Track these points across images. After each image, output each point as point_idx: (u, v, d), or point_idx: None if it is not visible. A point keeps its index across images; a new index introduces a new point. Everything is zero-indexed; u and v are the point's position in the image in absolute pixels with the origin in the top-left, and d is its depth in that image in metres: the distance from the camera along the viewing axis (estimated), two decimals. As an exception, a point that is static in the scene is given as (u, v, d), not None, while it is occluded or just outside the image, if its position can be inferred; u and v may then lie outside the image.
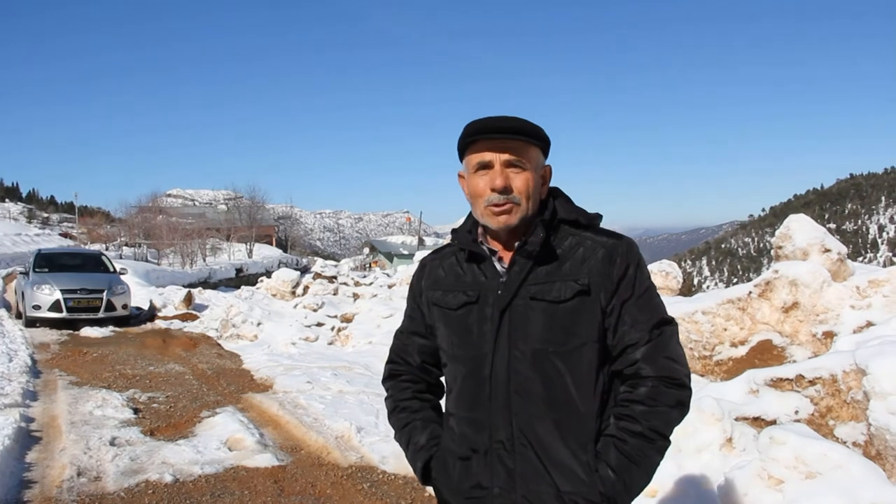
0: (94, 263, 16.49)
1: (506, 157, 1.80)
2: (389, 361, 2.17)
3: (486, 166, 1.82)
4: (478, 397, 1.83)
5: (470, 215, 1.99)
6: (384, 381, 2.17)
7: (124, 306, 14.76)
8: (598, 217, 1.92)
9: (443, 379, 2.08)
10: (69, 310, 13.83)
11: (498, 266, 1.87)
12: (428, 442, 1.98)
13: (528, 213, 1.84)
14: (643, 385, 1.78)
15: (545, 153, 1.90)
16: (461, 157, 1.92)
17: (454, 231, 2.01)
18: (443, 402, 2.08)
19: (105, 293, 14.33)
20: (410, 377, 2.10)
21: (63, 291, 13.87)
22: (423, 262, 2.08)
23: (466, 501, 1.86)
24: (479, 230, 1.94)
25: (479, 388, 1.83)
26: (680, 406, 1.79)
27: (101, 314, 14.17)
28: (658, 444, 1.77)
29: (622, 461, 1.74)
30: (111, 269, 16.29)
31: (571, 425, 1.78)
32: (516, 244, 1.85)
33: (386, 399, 2.15)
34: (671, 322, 1.85)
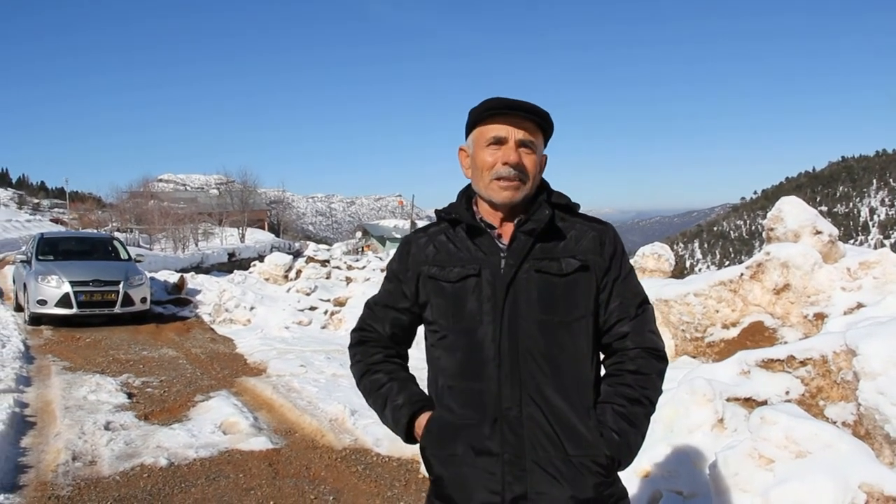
0: (105, 249, 14.48)
1: (521, 135, 1.88)
2: (358, 329, 2.17)
3: (499, 142, 1.88)
4: (482, 367, 1.86)
5: (462, 194, 2.04)
6: (351, 348, 2.17)
7: (143, 300, 12.80)
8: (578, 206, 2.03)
9: (410, 352, 2.15)
10: (80, 305, 11.95)
11: (497, 241, 1.92)
12: (410, 398, 1.99)
13: (530, 194, 1.92)
14: (632, 356, 1.92)
15: (546, 142, 1.98)
16: (469, 131, 1.98)
17: (443, 210, 2.04)
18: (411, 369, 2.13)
19: (122, 285, 12.39)
20: (381, 343, 2.11)
21: (73, 283, 11.95)
22: (407, 240, 2.09)
23: (472, 470, 1.85)
24: (475, 207, 1.99)
25: (483, 358, 1.86)
26: (661, 376, 1.96)
27: (117, 309, 12.30)
28: (649, 409, 1.91)
29: (622, 425, 1.85)
30: (125, 257, 14.33)
31: (577, 391, 1.87)
32: (516, 220, 1.91)
33: (354, 365, 2.15)
34: (648, 301, 2.02)
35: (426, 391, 2.04)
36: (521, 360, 1.84)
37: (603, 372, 2.00)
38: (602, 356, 2.01)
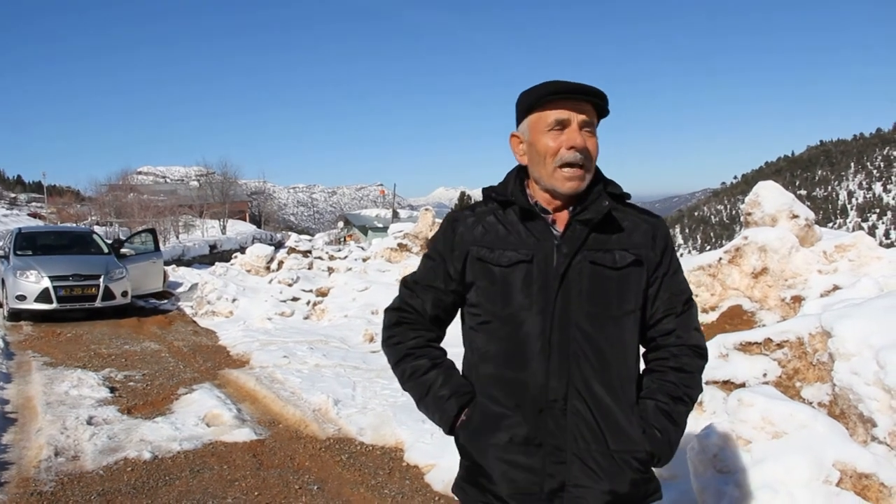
0: (84, 243, 14.30)
1: (583, 117, 1.83)
2: (397, 309, 2.08)
3: (561, 124, 1.82)
4: (528, 358, 1.83)
5: (513, 175, 1.98)
6: (390, 328, 2.08)
7: (124, 293, 12.79)
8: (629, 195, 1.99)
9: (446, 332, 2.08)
10: (60, 300, 11.90)
11: (551, 227, 1.88)
12: (457, 389, 1.93)
13: (590, 180, 1.88)
14: (676, 353, 1.94)
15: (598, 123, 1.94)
16: (524, 116, 1.90)
17: (493, 189, 1.98)
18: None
19: (102, 279, 12.36)
20: (421, 325, 2.04)
21: (52, 278, 11.91)
22: (454, 218, 2.00)
23: (512, 460, 1.84)
24: (529, 191, 1.94)
25: (530, 348, 1.83)
26: (702, 372, 1.97)
27: (98, 303, 12.30)
28: (690, 407, 1.92)
29: (665, 423, 1.86)
30: (105, 250, 14.09)
31: (622, 386, 1.86)
32: (570, 208, 1.88)
33: (390, 346, 2.06)
34: (693, 298, 2.01)
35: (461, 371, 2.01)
36: (571, 353, 1.81)
37: (642, 365, 1.99)
38: (643, 349, 2.00)
